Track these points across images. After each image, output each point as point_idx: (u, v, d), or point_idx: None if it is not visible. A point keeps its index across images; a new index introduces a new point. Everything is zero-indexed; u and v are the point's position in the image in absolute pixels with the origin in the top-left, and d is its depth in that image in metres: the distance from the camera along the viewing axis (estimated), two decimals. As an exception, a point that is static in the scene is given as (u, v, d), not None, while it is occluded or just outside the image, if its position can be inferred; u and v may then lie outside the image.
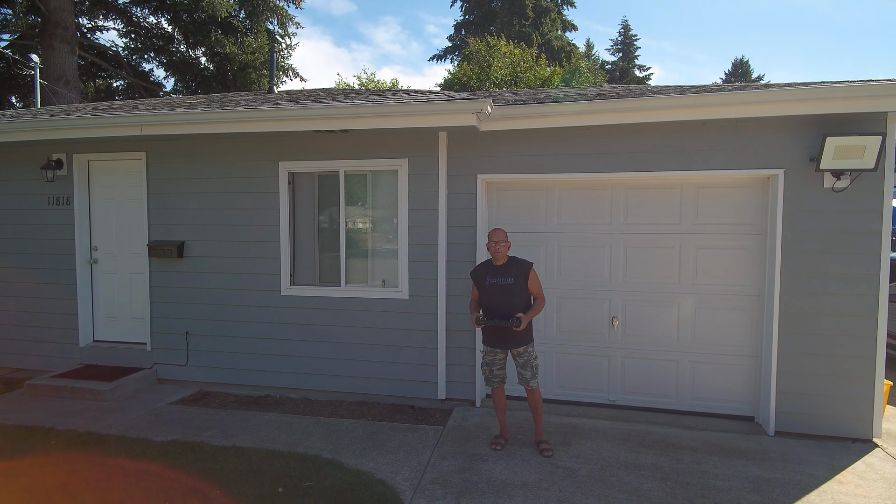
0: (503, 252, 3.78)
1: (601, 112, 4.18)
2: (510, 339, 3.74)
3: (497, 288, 3.75)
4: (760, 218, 4.35)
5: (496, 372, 3.91)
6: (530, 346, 3.81)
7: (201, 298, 5.29)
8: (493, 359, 3.88)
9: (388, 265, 4.97)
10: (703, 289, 4.49)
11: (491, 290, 3.78)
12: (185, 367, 5.38)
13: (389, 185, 4.91)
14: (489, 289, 3.78)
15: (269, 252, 5.10)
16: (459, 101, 4.14)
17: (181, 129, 4.69)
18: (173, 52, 15.28)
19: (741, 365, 4.46)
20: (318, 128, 4.43)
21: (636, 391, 4.67)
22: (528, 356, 3.79)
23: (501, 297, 3.74)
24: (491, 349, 3.87)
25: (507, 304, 3.72)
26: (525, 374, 3.80)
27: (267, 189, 5.06)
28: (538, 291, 3.84)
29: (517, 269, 3.77)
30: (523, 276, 3.75)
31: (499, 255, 3.77)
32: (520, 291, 3.74)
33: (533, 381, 3.79)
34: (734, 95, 3.98)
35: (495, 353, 3.87)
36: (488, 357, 3.90)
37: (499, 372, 3.91)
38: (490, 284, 3.78)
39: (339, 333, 4.99)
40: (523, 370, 3.81)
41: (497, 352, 3.86)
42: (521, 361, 3.81)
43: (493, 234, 3.82)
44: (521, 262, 3.84)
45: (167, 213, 5.33)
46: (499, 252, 3.76)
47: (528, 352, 3.79)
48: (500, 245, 3.76)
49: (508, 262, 3.82)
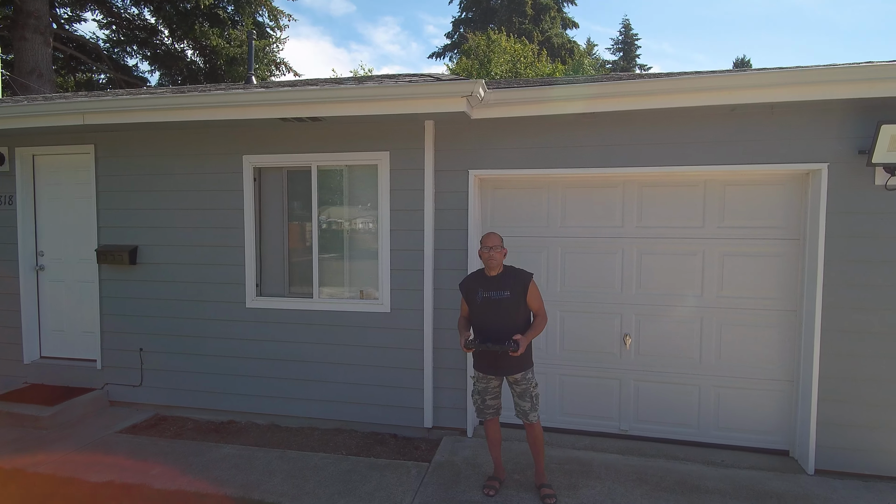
0: (498, 260, 3.20)
1: (614, 96, 3.56)
2: (506, 364, 3.15)
3: (490, 303, 3.17)
4: (797, 221, 3.74)
5: (489, 402, 3.30)
6: (529, 371, 3.22)
7: (157, 311, 4.67)
8: (485, 387, 3.28)
9: (368, 274, 4.36)
10: (729, 302, 3.87)
11: (483, 306, 3.20)
12: (139, 388, 4.76)
13: (369, 181, 4.29)
14: (481, 304, 3.20)
15: (232, 258, 4.48)
16: (447, 82, 3.52)
17: (127, 116, 4.07)
18: (158, 45, 14.67)
19: (773, 390, 3.85)
20: (283, 115, 3.82)
21: (651, 420, 4.05)
22: (526, 384, 3.19)
23: (495, 315, 3.17)
24: (483, 376, 3.27)
25: (501, 322, 3.15)
26: (523, 405, 3.20)
27: (229, 186, 4.44)
28: (539, 307, 3.25)
29: (514, 282, 3.19)
30: (521, 289, 3.17)
31: (493, 264, 3.20)
32: (517, 307, 3.17)
33: (532, 415, 3.19)
34: (770, 75, 3.36)
35: (488, 380, 3.27)
36: (480, 385, 3.30)
37: (492, 402, 3.31)
38: (482, 299, 3.20)
39: (312, 351, 4.38)
40: (521, 401, 3.21)
41: (490, 379, 3.26)
42: (518, 390, 3.21)
43: (486, 238, 3.22)
44: (519, 272, 3.25)
45: (118, 214, 4.71)
46: (493, 260, 3.18)
47: (527, 379, 3.19)
48: (495, 252, 3.17)
49: (504, 272, 3.25)
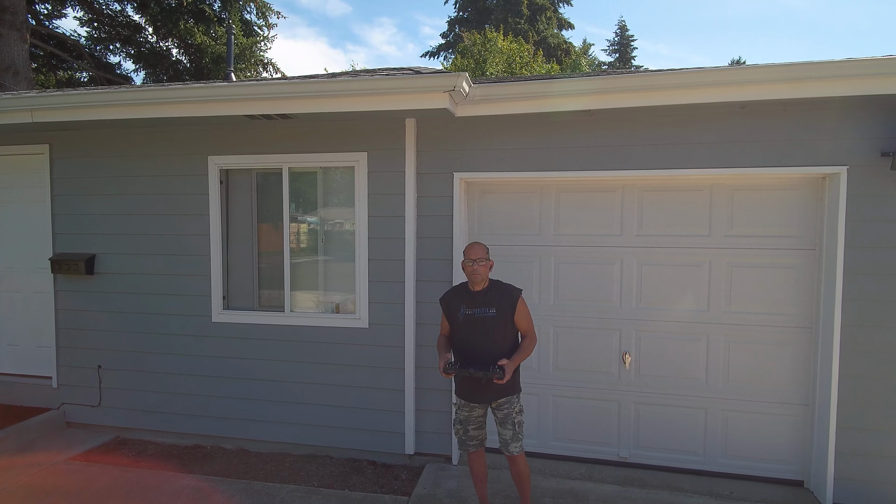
0: (483, 274, 2.86)
1: (612, 91, 3.22)
2: (491, 390, 2.80)
3: (474, 321, 2.85)
4: (813, 229, 3.41)
5: (473, 433, 2.96)
6: (515, 396, 2.87)
7: (117, 325, 4.29)
8: (468, 415, 2.94)
9: (344, 286, 4.00)
10: (738, 318, 3.54)
11: (466, 324, 2.87)
12: (98, 409, 4.38)
13: (345, 185, 3.94)
14: (463, 322, 2.87)
15: (197, 268, 4.11)
16: (427, 76, 3.16)
17: (79, 113, 3.70)
18: (142, 44, 14.26)
19: (787, 415, 3.52)
20: (249, 111, 3.45)
21: (653, 446, 3.71)
22: (509, 408, 2.86)
23: (479, 335, 2.84)
24: (466, 403, 2.92)
25: (485, 343, 2.83)
26: (504, 433, 2.87)
27: (194, 190, 4.07)
28: (528, 327, 2.91)
29: (501, 298, 2.86)
30: (509, 306, 2.84)
31: (477, 279, 2.86)
32: (503, 327, 2.84)
33: (514, 445, 2.84)
34: (786, 69, 3.04)
35: (471, 408, 2.93)
36: (462, 413, 2.96)
37: (476, 433, 2.96)
38: (464, 316, 2.87)
39: (284, 370, 4.01)
40: (502, 428, 2.88)
41: (474, 407, 2.92)
42: (499, 416, 2.89)
43: (469, 250, 2.88)
44: (507, 288, 2.91)
45: (75, 220, 4.33)
46: (477, 274, 2.84)
47: (511, 403, 2.85)
48: (479, 265, 2.83)
49: (490, 287, 2.91)
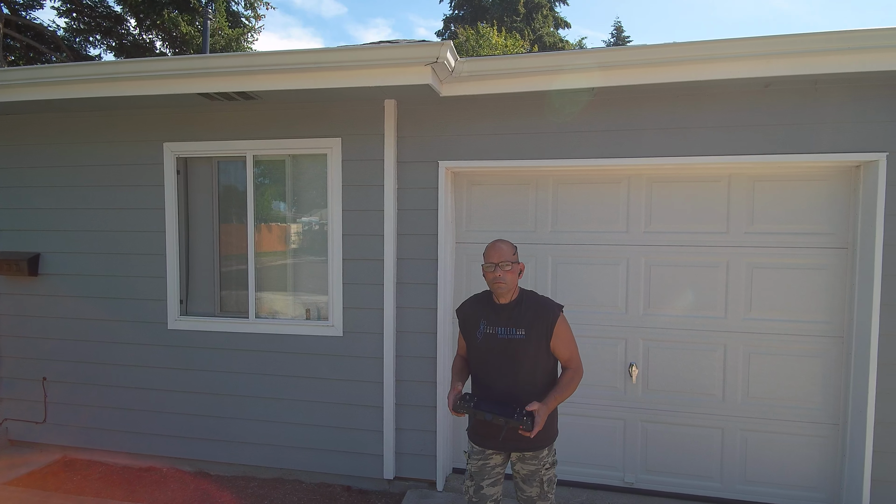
0: (510, 283, 2.14)
1: (619, 65, 2.79)
2: (515, 437, 2.09)
3: (496, 343, 2.15)
4: (845, 225, 3.01)
5: (487, 491, 2.21)
6: (547, 448, 2.19)
7: (63, 332, 3.83)
8: (482, 466, 2.23)
9: (316, 289, 3.56)
10: (759, 326, 3.14)
11: (485, 347, 2.18)
12: (44, 426, 3.92)
13: (317, 175, 3.51)
14: (482, 343, 2.18)
15: (151, 269, 3.66)
16: (406, 46, 2.74)
17: (13, 93, 3.26)
18: (123, 35, 13.79)
19: (815, 436, 3.12)
20: (204, 88, 3.01)
21: (663, 470, 3.29)
22: (537, 464, 2.17)
23: (502, 363, 2.15)
24: (480, 450, 2.24)
25: (511, 376, 2.14)
26: (527, 490, 2.19)
27: (148, 181, 3.62)
28: (571, 355, 2.19)
29: (535, 317, 2.14)
30: (544, 328, 2.13)
31: (502, 289, 2.14)
32: (535, 353, 2.12)
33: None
34: (818, 38, 2.63)
35: (487, 456, 2.23)
36: (475, 462, 2.24)
37: (491, 491, 2.22)
38: (484, 336, 2.18)
39: (249, 384, 3.57)
40: (525, 485, 2.20)
41: (491, 455, 2.23)
42: (522, 472, 2.20)
43: (491, 251, 2.16)
44: (544, 302, 2.21)
45: (17, 215, 3.87)
46: (501, 283, 2.12)
47: (541, 459, 2.17)
48: (504, 271, 2.11)
49: (520, 299, 2.20)
